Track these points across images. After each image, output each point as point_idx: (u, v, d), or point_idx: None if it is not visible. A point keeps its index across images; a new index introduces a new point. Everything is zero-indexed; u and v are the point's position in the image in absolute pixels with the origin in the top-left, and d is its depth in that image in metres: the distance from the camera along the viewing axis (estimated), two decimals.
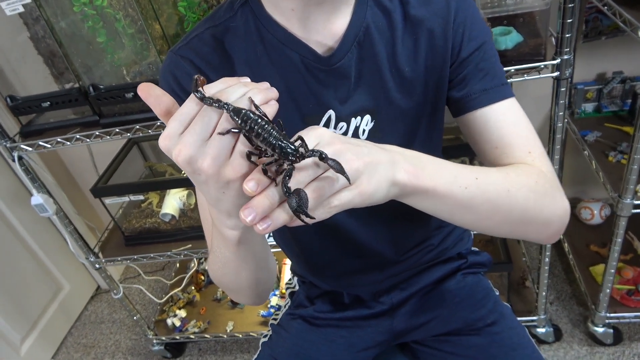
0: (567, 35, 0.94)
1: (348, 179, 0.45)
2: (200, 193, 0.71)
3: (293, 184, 0.44)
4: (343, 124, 0.68)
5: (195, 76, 0.45)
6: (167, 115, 0.46)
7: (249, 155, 0.44)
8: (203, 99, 0.44)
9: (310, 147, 0.47)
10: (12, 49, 1.34)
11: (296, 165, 0.44)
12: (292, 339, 0.88)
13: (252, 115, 0.44)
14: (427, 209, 0.57)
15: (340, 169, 0.45)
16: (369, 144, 0.52)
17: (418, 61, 0.66)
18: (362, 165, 0.48)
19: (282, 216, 0.44)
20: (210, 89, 0.46)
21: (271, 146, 0.43)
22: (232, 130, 0.44)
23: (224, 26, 0.67)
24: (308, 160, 0.45)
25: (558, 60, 0.98)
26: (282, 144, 0.43)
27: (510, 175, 0.61)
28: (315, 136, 0.48)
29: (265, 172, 0.44)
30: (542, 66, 0.99)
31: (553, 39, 1.03)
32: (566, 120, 1.35)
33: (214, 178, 0.45)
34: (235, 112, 0.44)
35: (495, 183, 0.59)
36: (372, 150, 0.50)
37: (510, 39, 1.00)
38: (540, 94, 1.60)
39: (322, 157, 0.44)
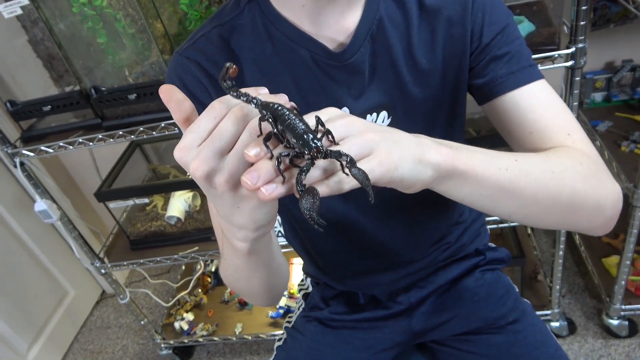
0: (582, 23, 0.92)
1: (371, 195, 0.40)
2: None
3: (308, 182, 0.40)
4: None
5: (227, 64, 0.42)
6: (187, 122, 0.44)
7: (267, 139, 0.40)
8: (231, 88, 0.42)
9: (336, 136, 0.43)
10: (11, 53, 1.32)
11: (316, 163, 0.40)
12: (308, 342, 0.86)
13: (281, 108, 0.41)
14: (466, 198, 0.52)
15: (364, 181, 0.40)
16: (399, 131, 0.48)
17: (436, 52, 0.63)
18: (380, 137, 0.43)
19: (289, 182, 0.40)
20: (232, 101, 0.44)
21: (295, 134, 0.40)
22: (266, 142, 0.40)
23: (230, 24, 0.64)
24: (327, 162, 0.41)
25: (573, 49, 0.95)
26: (306, 136, 0.39)
27: (551, 158, 0.57)
28: (344, 125, 0.44)
29: (278, 163, 0.40)
30: (557, 55, 0.97)
31: (565, 28, 1.00)
32: None
33: (230, 193, 0.43)
34: (264, 105, 0.41)
35: (537, 164, 0.55)
36: (400, 133, 0.47)
37: (522, 28, 0.98)
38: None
39: (349, 162, 0.39)
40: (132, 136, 1.19)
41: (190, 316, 1.76)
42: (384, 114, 0.66)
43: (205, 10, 1.14)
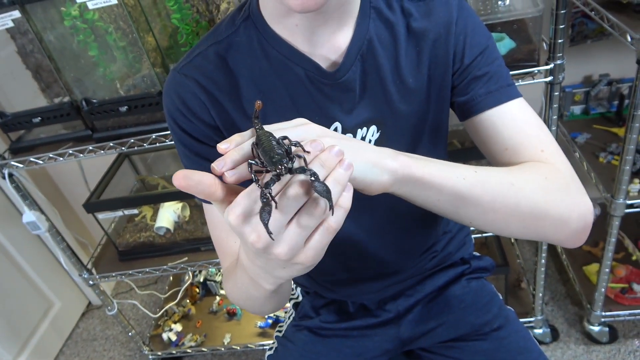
0: (560, 41, 0.96)
1: (332, 207, 0.40)
2: (214, 215, 0.70)
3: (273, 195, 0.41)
4: (349, 135, 0.68)
5: (258, 102, 0.47)
6: (215, 198, 0.43)
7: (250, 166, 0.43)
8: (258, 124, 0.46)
9: (297, 137, 0.45)
10: None
11: (283, 179, 0.42)
12: (298, 351, 0.88)
13: (261, 132, 0.44)
14: (426, 203, 0.55)
15: (327, 195, 0.40)
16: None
17: (421, 71, 0.67)
18: (335, 141, 0.45)
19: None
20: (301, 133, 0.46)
21: (265, 155, 0.42)
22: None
23: (226, 42, 0.66)
24: (294, 179, 0.42)
25: (551, 66, 1.00)
26: (272, 152, 0.41)
27: (514, 171, 0.60)
28: (304, 130, 0.47)
29: (256, 181, 0.41)
30: (536, 71, 1.01)
31: (544, 44, 1.05)
32: None
33: (283, 260, 0.43)
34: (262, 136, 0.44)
35: (497, 176, 0.58)
36: (360, 142, 0.52)
37: (503, 45, 1.02)
38: (528, 98, 1.62)
39: (312, 177, 0.40)
40: (123, 148, 1.19)
41: (178, 327, 1.76)
42: (373, 128, 0.68)
43: (195, 24, 1.16)
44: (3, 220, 1.73)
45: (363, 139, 0.68)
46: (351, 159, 0.43)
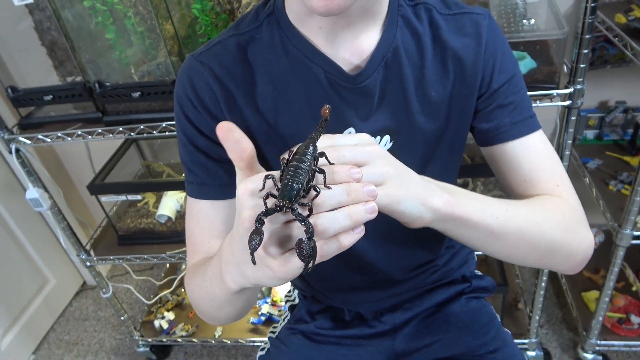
0: (582, 65, 0.95)
1: (306, 266, 0.41)
2: (196, 210, 0.70)
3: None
4: None
5: (326, 108, 0.47)
6: (242, 161, 0.45)
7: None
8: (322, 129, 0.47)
9: (353, 157, 0.46)
10: (15, 38, 1.31)
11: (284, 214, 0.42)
12: (291, 355, 0.87)
13: (304, 151, 0.44)
14: (458, 237, 0.59)
15: (307, 258, 0.40)
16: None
17: (445, 87, 0.66)
18: (392, 171, 0.49)
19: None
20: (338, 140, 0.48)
21: (283, 176, 0.43)
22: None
23: (248, 36, 0.65)
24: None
25: (571, 90, 0.98)
26: (289, 182, 0.41)
27: (538, 207, 0.63)
28: (367, 153, 0.48)
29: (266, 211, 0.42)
30: (555, 94, 0.99)
31: (565, 67, 1.03)
32: None
33: (262, 250, 0.43)
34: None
35: (524, 214, 0.61)
36: (412, 174, 0.52)
37: (524, 64, 1.00)
38: (541, 118, 1.61)
39: (309, 234, 0.40)
40: (132, 134, 1.19)
41: (171, 315, 1.76)
42: (387, 137, 0.67)
43: (215, 16, 1.16)
44: (6, 194, 1.73)
45: None
46: (401, 193, 0.49)
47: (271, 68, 0.65)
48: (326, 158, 0.45)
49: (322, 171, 0.43)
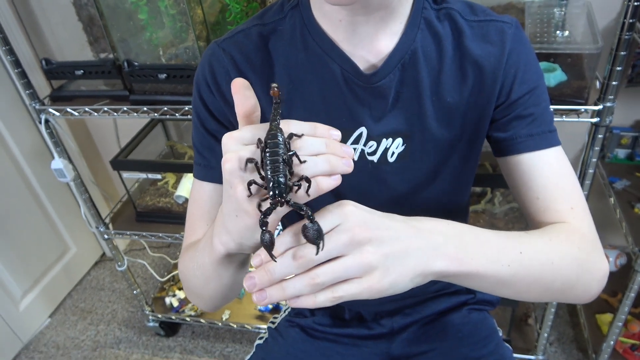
0: (614, 83, 0.91)
1: (317, 248, 0.44)
2: (199, 191, 0.71)
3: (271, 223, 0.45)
4: (373, 143, 0.67)
5: (274, 87, 0.47)
6: (246, 117, 0.47)
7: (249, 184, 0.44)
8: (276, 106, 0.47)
9: (327, 225, 0.46)
10: (54, 12, 1.35)
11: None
12: (287, 348, 0.88)
13: (272, 139, 0.44)
14: (464, 285, 0.56)
15: (315, 240, 0.43)
16: (408, 224, 0.51)
17: (462, 93, 0.64)
18: (377, 260, 0.46)
19: (278, 294, 0.46)
20: (293, 126, 0.47)
21: (266, 173, 0.43)
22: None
23: (272, 27, 0.66)
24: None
25: (600, 107, 0.95)
26: (274, 176, 0.42)
27: (554, 242, 0.59)
28: (339, 215, 0.47)
29: (258, 205, 0.44)
30: (583, 110, 0.96)
31: (597, 83, 1.00)
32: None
33: (240, 200, 0.45)
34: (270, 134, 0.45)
35: (539, 255, 0.57)
36: (407, 235, 0.49)
37: (553, 76, 0.97)
38: (571, 131, 1.55)
39: (310, 218, 0.43)
40: (156, 114, 1.21)
41: (181, 294, 1.79)
42: (399, 140, 0.67)
43: (246, 4, 1.16)
44: (37, 162, 1.79)
45: (386, 149, 0.67)
46: (389, 280, 0.47)
47: (289, 60, 0.65)
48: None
49: (294, 153, 0.45)
